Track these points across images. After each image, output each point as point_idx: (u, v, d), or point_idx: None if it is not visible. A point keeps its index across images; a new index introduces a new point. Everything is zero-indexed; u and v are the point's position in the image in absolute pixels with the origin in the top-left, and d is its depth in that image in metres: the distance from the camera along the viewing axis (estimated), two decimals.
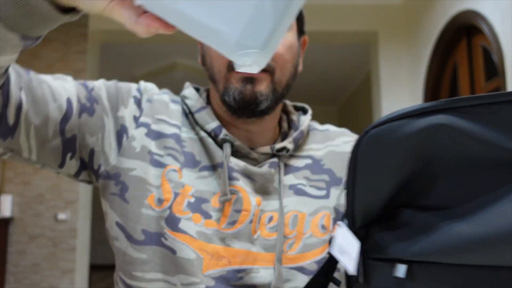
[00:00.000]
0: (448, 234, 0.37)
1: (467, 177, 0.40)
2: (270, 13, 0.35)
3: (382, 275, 0.40)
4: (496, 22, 2.46)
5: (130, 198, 0.68)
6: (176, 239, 0.66)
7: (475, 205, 0.39)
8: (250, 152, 0.73)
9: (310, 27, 3.88)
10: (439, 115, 0.40)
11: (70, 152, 0.68)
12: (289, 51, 0.72)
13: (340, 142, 0.82)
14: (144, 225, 0.67)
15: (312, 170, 0.77)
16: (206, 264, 0.66)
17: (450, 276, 0.37)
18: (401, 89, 3.71)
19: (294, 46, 0.74)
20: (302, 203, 0.73)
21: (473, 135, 0.39)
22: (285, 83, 0.73)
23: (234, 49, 0.36)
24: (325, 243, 0.71)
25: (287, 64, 0.72)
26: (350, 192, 0.42)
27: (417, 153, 0.40)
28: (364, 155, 0.41)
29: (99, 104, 0.70)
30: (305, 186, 0.75)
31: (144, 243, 0.67)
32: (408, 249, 0.39)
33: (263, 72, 0.69)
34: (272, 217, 0.71)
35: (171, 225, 0.66)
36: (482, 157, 0.39)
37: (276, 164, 0.74)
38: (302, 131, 0.78)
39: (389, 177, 0.41)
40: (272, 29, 0.36)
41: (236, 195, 0.69)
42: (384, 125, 0.40)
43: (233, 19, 0.36)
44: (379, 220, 0.43)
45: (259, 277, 0.67)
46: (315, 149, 0.80)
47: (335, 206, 0.75)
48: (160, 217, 0.67)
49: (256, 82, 0.69)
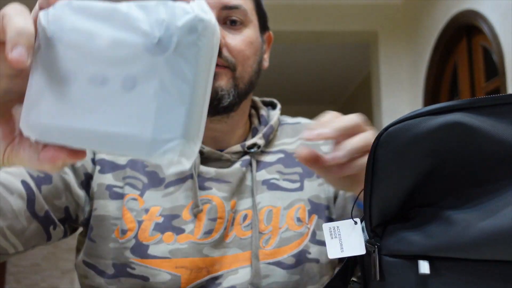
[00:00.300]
0: (467, 229, 0.38)
1: (482, 174, 0.41)
2: (177, 95, 0.31)
3: (401, 272, 0.40)
4: (496, 22, 2.47)
5: (96, 237, 0.69)
6: (147, 266, 0.66)
7: (491, 202, 0.39)
8: (221, 155, 0.73)
9: (310, 27, 3.89)
10: (456, 114, 0.40)
11: (51, 225, 0.67)
12: (250, 47, 0.72)
13: None
14: (114, 259, 0.68)
15: (284, 164, 0.77)
16: (185, 280, 0.66)
17: (472, 271, 0.38)
18: (401, 89, 3.72)
19: (256, 42, 0.74)
20: (276, 198, 0.73)
21: (489, 133, 0.40)
22: (247, 79, 0.73)
23: (152, 150, 0.31)
24: (302, 236, 0.72)
25: (248, 60, 0.72)
26: (368, 189, 0.42)
27: (433, 150, 0.41)
28: (382, 152, 0.41)
29: None
30: (278, 180, 0.75)
31: (114, 276, 0.67)
32: (428, 245, 0.39)
33: (223, 67, 0.70)
34: (247, 215, 0.71)
35: (139, 253, 0.67)
36: (497, 155, 0.40)
37: (248, 162, 0.74)
38: (271, 126, 0.78)
39: (407, 174, 0.41)
40: (188, 110, 0.31)
41: (210, 203, 0.69)
42: (402, 123, 0.41)
43: (138, 116, 0.31)
44: (396, 218, 0.43)
45: (237, 278, 0.67)
46: (288, 143, 0.80)
47: (309, 198, 0.75)
48: (125, 247, 0.67)
49: (217, 77, 0.69)
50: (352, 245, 0.46)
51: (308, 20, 3.84)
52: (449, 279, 0.38)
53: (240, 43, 0.71)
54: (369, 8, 3.82)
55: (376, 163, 0.42)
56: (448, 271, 0.38)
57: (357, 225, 0.47)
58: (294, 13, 3.80)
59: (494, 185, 0.40)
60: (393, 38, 3.80)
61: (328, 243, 0.47)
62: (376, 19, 3.82)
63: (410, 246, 0.40)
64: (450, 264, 0.38)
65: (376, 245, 0.43)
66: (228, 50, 0.70)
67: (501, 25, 2.42)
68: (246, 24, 0.72)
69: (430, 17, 3.30)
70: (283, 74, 5.62)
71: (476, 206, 0.40)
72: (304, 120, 0.86)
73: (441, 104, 0.41)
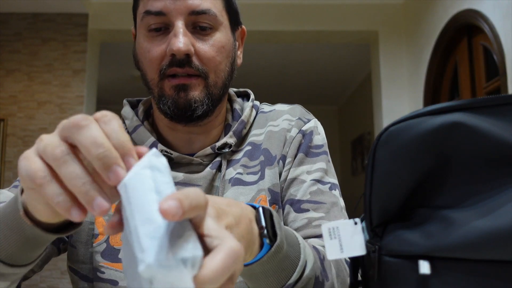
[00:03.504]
0: (467, 229, 0.37)
1: (482, 174, 0.41)
2: None
3: (401, 272, 0.40)
4: (497, 21, 2.47)
5: (76, 243, 0.71)
6: (116, 269, 0.67)
7: (491, 201, 0.39)
8: (192, 159, 0.72)
9: (310, 27, 3.89)
10: (456, 114, 0.40)
11: (61, 243, 0.72)
12: (222, 52, 0.71)
13: (280, 121, 0.79)
14: (90, 263, 0.70)
15: (250, 157, 0.76)
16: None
17: (472, 271, 0.38)
18: (401, 89, 3.72)
19: (227, 44, 0.72)
20: (239, 193, 0.72)
21: (488, 133, 0.40)
22: (221, 84, 0.72)
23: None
24: None
25: (220, 66, 0.71)
26: (368, 189, 0.42)
27: (434, 150, 0.41)
28: (382, 151, 0.41)
29: None
30: (242, 174, 0.74)
31: (94, 280, 0.69)
32: (428, 245, 0.39)
33: (196, 77, 0.69)
34: None
35: (110, 257, 0.68)
36: (496, 155, 0.40)
37: (218, 163, 0.73)
38: (242, 121, 0.77)
39: (407, 173, 0.41)
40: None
41: None
42: (402, 123, 0.40)
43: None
44: (396, 218, 0.43)
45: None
46: (257, 134, 0.78)
47: (269, 187, 0.73)
48: (96, 251, 0.68)
49: (189, 88, 0.68)
50: (352, 245, 0.46)
51: (308, 20, 3.84)
52: (449, 279, 0.38)
53: (211, 50, 0.69)
54: (369, 8, 3.82)
55: (376, 163, 0.42)
56: (448, 271, 0.38)
57: (357, 225, 0.47)
58: (294, 13, 3.80)
59: (494, 185, 0.40)
60: (393, 38, 3.80)
61: (327, 243, 0.47)
62: (377, 19, 3.82)
63: (410, 246, 0.40)
64: (450, 264, 0.38)
65: (376, 245, 0.43)
66: (199, 58, 0.69)
67: (502, 25, 2.42)
68: (216, 28, 0.71)
69: (431, 17, 3.30)
70: (283, 74, 5.62)
71: (476, 206, 0.40)
72: (281, 106, 0.83)
73: (441, 104, 0.41)
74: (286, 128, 0.78)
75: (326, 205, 0.72)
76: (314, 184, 0.73)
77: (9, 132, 3.76)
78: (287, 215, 0.73)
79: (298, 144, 0.76)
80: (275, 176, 0.74)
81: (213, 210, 0.37)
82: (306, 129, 0.78)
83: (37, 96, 3.79)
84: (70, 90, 3.80)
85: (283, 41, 4.16)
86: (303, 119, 0.80)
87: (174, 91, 0.68)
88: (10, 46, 3.84)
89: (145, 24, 0.70)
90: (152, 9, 0.68)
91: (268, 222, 0.48)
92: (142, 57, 0.71)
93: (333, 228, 0.47)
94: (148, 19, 0.69)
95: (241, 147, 0.77)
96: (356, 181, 5.85)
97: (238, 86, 0.89)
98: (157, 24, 0.69)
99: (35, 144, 0.36)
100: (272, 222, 0.48)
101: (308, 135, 0.77)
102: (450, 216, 0.39)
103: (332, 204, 0.72)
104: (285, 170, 0.75)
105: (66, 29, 3.85)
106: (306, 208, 0.71)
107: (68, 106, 3.79)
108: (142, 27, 0.70)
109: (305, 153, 0.76)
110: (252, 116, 0.79)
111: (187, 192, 0.31)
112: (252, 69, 5.36)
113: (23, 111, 3.78)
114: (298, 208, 0.71)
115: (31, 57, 3.84)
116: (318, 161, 0.76)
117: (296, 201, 0.72)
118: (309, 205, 0.71)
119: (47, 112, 3.77)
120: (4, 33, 3.85)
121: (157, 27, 0.69)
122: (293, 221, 0.71)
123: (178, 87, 0.68)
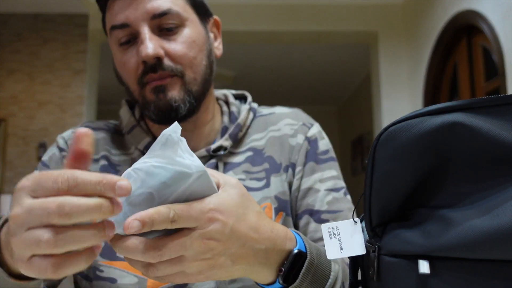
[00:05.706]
0: (466, 229, 0.38)
1: (481, 174, 0.41)
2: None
3: (401, 272, 0.40)
4: (496, 22, 2.47)
5: None
6: (115, 267, 0.67)
7: (490, 201, 0.39)
8: None
9: (310, 27, 3.89)
10: (455, 114, 0.40)
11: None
12: (194, 47, 0.71)
13: (282, 125, 0.79)
14: (91, 262, 0.70)
15: (252, 163, 0.75)
16: (151, 282, 0.66)
17: (472, 270, 0.38)
18: (401, 89, 3.72)
19: (199, 37, 0.72)
20: None
21: (488, 134, 0.40)
22: (200, 79, 0.72)
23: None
24: None
25: (195, 61, 0.71)
26: (368, 189, 0.42)
27: (433, 150, 0.41)
28: (382, 151, 0.41)
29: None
30: (244, 180, 0.73)
31: (92, 279, 0.69)
32: (428, 245, 0.39)
33: (171, 77, 0.69)
34: None
35: (108, 255, 0.68)
36: (495, 155, 0.40)
37: (214, 165, 0.73)
38: (239, 124, 0.77)
39: (407, 173, 0.42)
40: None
41: None
42: (402, 123, 0.41)
43: None
44: (396, 218, 0.43)
45: (204, 282, 0.66)
46: (257, 139, 0.78)
47: (276, 194, 0.73)
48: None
49: (167, 89, 0.69)
50: (352, 245, 0.46)
51: (308, 20, 3.84)
52: (448, 278, 0.38)
53: (181, 47, 0.69)
54: (369, 8, 3.82)
55: (375, 163, 0.42)
56: (448, 271, 0.38)
57: (357, 225, 0.47)
58: (294, 14, 3.80)
59: (494, 185, 0.40)
60: (393, 38, 3.80)
61: (327, 243, 0.47)
62: (376, 19, 3.82)
63: (410, 245, 0.40)
64: (450, 263, 0.38)
65: (376, 245, 0.43)
66: (170, 59, 0.69)
67: (501, 25, 2.42)
68: (182, 25, 0.70)
69: (430, 17, 3.30)
70: (283, 74, 5.62)
71: (475, 206, 0.40)
72: (280, 109, 0.83)
73: (441, 104, 0.41)
74: (288, 134, 0.78)
75: (344, 212, 0.74)
76: (329, 193, 0.74)
77: (10, 132, 3.76)
78: (307, 225, 0.73)
79: (306, 152, 0.77)
80: (282, 184, 0.74)
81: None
82: (311, 135, 0.79)
83: (37, 96, 3.79)
84: (70, 90, 3.80)
85: (283, 41, 4.16)
86: (307, 124, 0.80)
87: (153, 94, 0.69)
88: (10, 46, 3.84)
89: (114, 39, 0.71)
90: (116, 23, 0.70)
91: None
92: (121, 71, 0.73)
93: (333, 228, 0.47)
94: (116, 33, 0.70)
95: (239, 150, 0.76)
96: (356, 181, 5.84)
97: (237, 86, 0.89)
98: (126, 36, 0.70)
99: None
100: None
101: (314, 142, 0.78)
102: (450, 215, 0.40)
103: (349, 210, 0.74)
104: (297, 179, 0.75)
105: (66, 29, 3.85)
106: (325, 219, 0.73)
107: (69, 106, 3.78)
108: (113, 43, 0.72)
109: (315, 161, 0.77)
110: (249, 119, 0.79)
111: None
112: (251, 69, 5.36)
113: (24, 111, 3.78)
114: (318, 218, 0.73)
115: (32, 57, 3.84)
116: (327, 168, 0.77)
117: (315, 211, 0.73)
118: (328, 215, 0.73)
119: (47, 112, 3.77)
120: (4, 33, 3.85)
121: (127, 40, 0.70)
122: (314, 231, 0.72)
123: (157, 89, 0.69)
